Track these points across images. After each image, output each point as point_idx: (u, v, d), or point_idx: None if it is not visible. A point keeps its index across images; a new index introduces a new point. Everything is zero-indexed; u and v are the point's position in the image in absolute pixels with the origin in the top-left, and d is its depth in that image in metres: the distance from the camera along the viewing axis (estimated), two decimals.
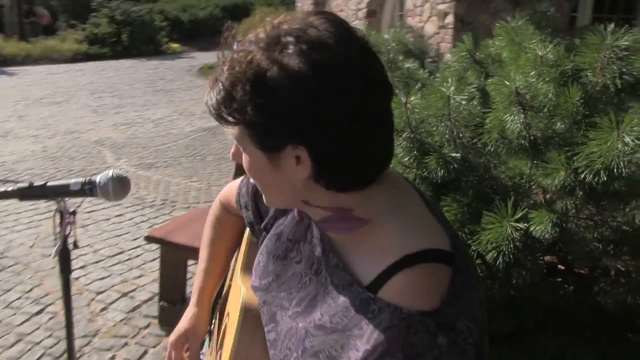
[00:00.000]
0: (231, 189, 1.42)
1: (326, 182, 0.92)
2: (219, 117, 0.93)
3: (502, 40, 2.60)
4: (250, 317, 1.14)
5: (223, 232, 1.48)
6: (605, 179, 1.81)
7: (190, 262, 3.36)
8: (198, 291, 1.44)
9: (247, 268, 1.28)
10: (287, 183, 0.94)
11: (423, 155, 2.18)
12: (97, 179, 1.28)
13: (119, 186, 1.28)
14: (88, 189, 1.27)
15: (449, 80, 2.23)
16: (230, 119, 0.91)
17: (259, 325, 1.11)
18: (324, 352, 0.96)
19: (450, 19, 6.86)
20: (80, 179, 1.26)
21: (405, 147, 2.23)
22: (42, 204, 5.10)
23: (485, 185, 2.12)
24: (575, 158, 1.89)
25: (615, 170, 1.80)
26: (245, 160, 0.98)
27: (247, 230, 1.35)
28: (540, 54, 2.15)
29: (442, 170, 2.07)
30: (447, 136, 2.13)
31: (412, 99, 2.19)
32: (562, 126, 2.05)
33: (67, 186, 1.25)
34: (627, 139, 1.76)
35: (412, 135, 2.22)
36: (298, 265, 1.08)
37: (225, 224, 1.47)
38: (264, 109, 0.86)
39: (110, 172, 1.30)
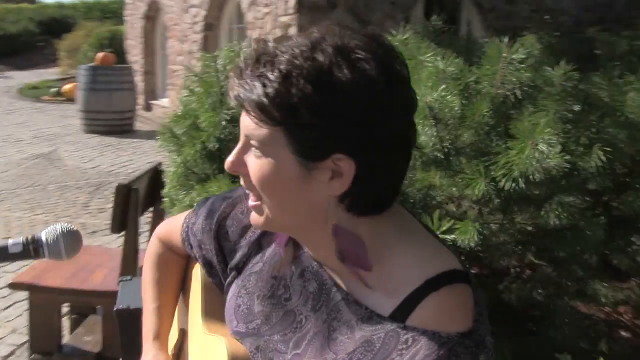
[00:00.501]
0: (172, 226, 1.34)
1: (351, 203, 0.88)
2: (263, 113, 0.84)
3: None
4: None
5: (168, 271, 1.39)
6: (523, 185, 1.91)
7: (65, 306, 3.03)
8: (155, 332, 1.31)
9: (210, 314, 1.21)
10: (308, 200, 0.88)
11: None
12: (43, 237, 1.05)
13: (71, 242, 1.06)
14: (33, 250, 1.03)
15: None
16: (277, 116, 0.83)
17: None
18: None
19: (293, 31, 6.96)
20: (20, 239, 1.02)
21: None
22: None
23: (404, 200, 2.13)
24: (492, 167, 1.97)
25: (531, 176, 1.91)
26: (261, 168, 0.89)
27: (198, 272, 1.27)
28: (441, 67, 2.21)
29: None
30: None
31: None
32: (471, 137, 2.13)
33: (4, 249, 1.00)
34: (542, 147, 1.87)
35: None
36: (289, 304, 1.02)
37: (171, 263, 1.38)
38: (322, 111, 0.81)
39: (57, 227, 1.07)
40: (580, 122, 2.25)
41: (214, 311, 1.22)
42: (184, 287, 1.39)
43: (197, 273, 1.29)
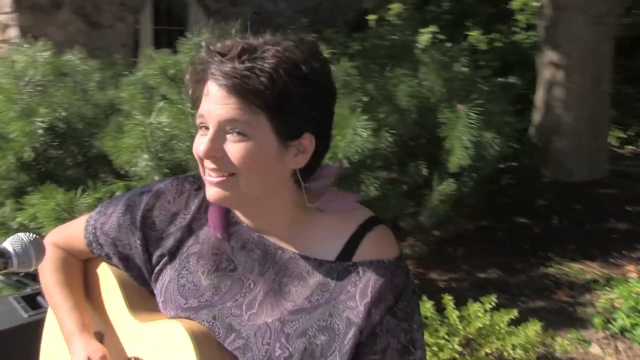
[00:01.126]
0: (69, 232, 1.41)
1: (301, 174, 1.08)
2: (256, 100, 1.01)
3: (187, 55, 2.77)
4: (202, 340, 1.14)
5: (73, 273, 1.42)
6: (348, 165, 2.27)
7: None
8: (80, 325, 1.34)
9: (136, 306, 1.30)
10: (277, 174, 1.07)
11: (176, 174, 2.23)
12: (9, 247, 1.01)
13: (39, 250, 1.05)
14: (1, 263, 0.99)
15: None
16: (267, 102, 1.01)
17: (213, 345, 1.15)
18: (312, 328, 1.10)
19: (13, 32, 6.38)
20: None
21: (155, 166, 2.23)
22: None
23: None
24: None
25: (352, 157, 2.27)
26: (244, 149, 1.04)
27: (108, 272, 1.35)
28: None
29: None
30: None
31: (159, 119, 2.20)
32: None
33: None
34: (360, 132, 2.25)
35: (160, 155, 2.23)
36: (235, 273, 1.17)
37: (72, 265, 1.42)
38: (302, 98, 1.02)
39: (22, 236, 1.04)
40: (368, 110, 2.70)
41: (139, 302, 1.31)
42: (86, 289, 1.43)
43: (107, 273, 1.35)
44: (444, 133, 2.68)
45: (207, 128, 1.08)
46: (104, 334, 1.37)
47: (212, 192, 1.10)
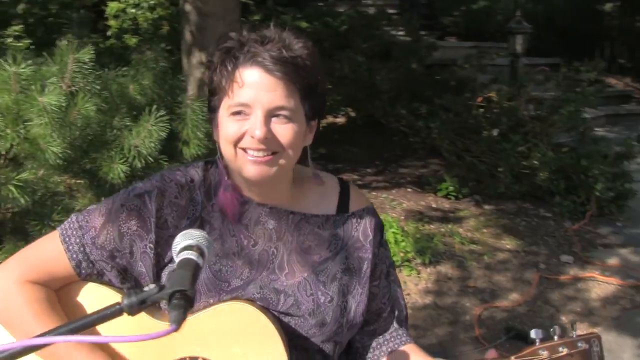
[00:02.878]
0: (41, 259, 1.28)
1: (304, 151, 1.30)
2: (297, 85, 1.19)
3: None
4: (270, 317, 1.25)
5: (60, 311, 1.29)
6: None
7: None
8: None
9: (156, 315, 1.28)
10: (300, 150, 1.26)
11: None
12: None
13: None
14: None
15: None
16: (309, 88, 1.21)
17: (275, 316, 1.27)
18: (338, 272, 1.32)
19: None
20: None
21: None
22: None
23: None
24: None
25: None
26: (291, 130, 1.21)
27: (100, 292, 1.28)
28: (14, 70, 2.26)
29: None
30: None
31: None
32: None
33: None
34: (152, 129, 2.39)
35: None
36: (257, 247, 1.31)
37: (56, 302, 1.29)
38: (324, 85, 1.27)
39: None
40: None
41: (150, 311, 1.27)
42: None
43: (99, 294, 1.28)
44: None
45: (243, 113, 1.20)
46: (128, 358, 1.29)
47: (257, 170, 1.21)
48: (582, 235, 4.34)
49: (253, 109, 1.19)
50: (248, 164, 1.22)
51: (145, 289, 0.89)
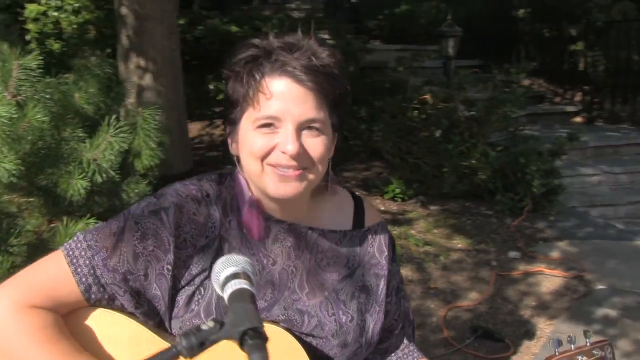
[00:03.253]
0: (46, 283, 1.14)
1: None
2: (328, 97, 1.14)
3: None
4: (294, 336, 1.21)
5: (70, 338, 1.16)
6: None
7: None
8: None
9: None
10: (327, 163, 1.20)
11: None
12: None
13: None
14: None
15: None
16: (332, 100, 1.15)
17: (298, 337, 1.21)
18: (356, 289, 1.27)
19: None
20: None
21: None
22: None
23: None
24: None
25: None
26: (321, 144, 1.14)
27: (112, 318, 1.17)
28: None
29: None
30: None
31: None
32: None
33: None
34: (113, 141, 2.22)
35: None
36: (276, 266, 1.24)
37: (65, 328, 1.15)
38: (348, 96, 1.19)
39: None
40: None
41: (165, 337, 1.20)
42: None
43: (109, 319, 1.17)
44: None
45: (272, 126, 1.12)
46: None
47: (286, 188, 1.14)
48: (522, 231, 4.48)
49: (283, 122, 1.12)
50: (276, 181, 1.14)
51: (204, 327, 0.81)
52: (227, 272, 0.87)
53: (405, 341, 1.40)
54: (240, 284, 0.84)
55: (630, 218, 5.14)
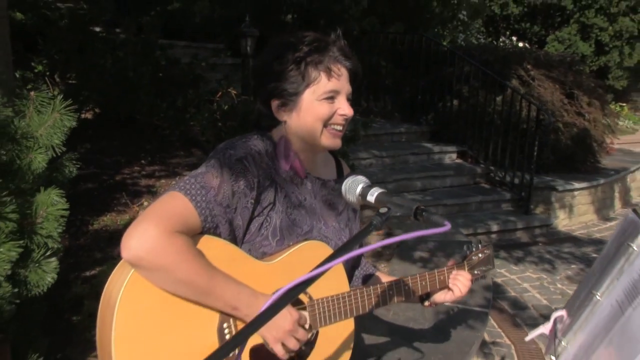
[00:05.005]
0: (179, 215, 1.42)
1: None
2: (357, 77, 1.65)
3: None
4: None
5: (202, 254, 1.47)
6: None
7: None
8: (247, 287, 1.48)
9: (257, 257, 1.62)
10: None
11: None
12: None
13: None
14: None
15: None
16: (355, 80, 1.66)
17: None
18: (347, 219, 1.80)
19: None
20: None
21: None
22: None
23: None
24: None
25: None
26: (351, 111, 1.61)
27: (213, 243, 1.48)
28: None
29: None
30: None
31: None
32: None
33: None
34: None
35: None
36: (306, 202, 1.68)
37: (193, 245, 1.44)
38: None
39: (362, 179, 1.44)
40: None
41: (250, 253, 1.59)
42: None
43: (215, 243, 1.48)
44: None
45: (333, 98, 1.58)
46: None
47: (339, 141, 1.63)
48: None
49: (340, 94, 1.60)
50: (332, 137, 1.61)
51: (382, 210, 1.32)
52: (362, 185, 1.39)
53: (363, 260, 1.99)
54: (377, 189, 1.38)
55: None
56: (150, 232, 1.34)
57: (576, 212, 7.44)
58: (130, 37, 5.93)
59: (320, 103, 1.58)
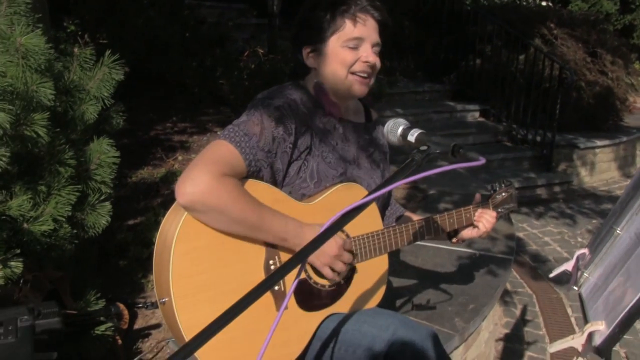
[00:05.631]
0: (226, 161, 1.52)
1: None
2: (383, 29, 1.73)
3: None
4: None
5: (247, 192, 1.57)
6: None
7: None
8: (292, 219, 1.60)
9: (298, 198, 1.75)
10: None
11: None
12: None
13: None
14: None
15: None
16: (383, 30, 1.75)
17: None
18: (377, 160, 1.91)
19: None
20: None
21: None
22: None
23: None
24: None
25: None
26: (378, 59, 1.69)
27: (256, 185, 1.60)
28: None
29: None
30: None
31: None
32: None
33: None
34: None
35: None
36: (338, 146, 1.79)
37: (241, 186, 1.54)
38: None
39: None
40: None
41: (289, 194, 1.71)
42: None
43: (259, 186, 1.60)
44: None
45: (356, 46, 1.66)
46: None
47: (363, 88, 1.71)
48: None
49: (364, 42, 1.67)
50: (357, 83, 1.69)
51: (422, 148, 1.43)
52: (402, 127, 1.52)
53: (392, 200, 2.13)
54: (417, 130, 1.50)
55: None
56: (202, 177, 1.45)
57: (597, 169, 7.49)
58: None
59: (343, 49, 1.67)
